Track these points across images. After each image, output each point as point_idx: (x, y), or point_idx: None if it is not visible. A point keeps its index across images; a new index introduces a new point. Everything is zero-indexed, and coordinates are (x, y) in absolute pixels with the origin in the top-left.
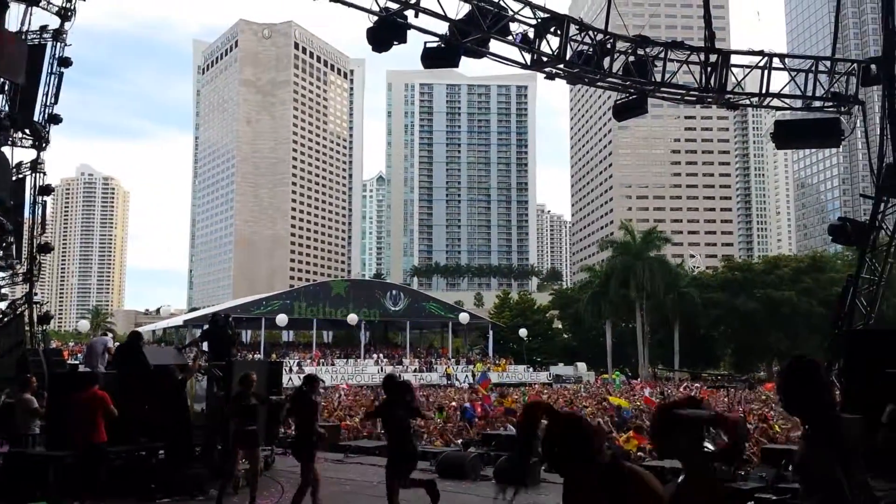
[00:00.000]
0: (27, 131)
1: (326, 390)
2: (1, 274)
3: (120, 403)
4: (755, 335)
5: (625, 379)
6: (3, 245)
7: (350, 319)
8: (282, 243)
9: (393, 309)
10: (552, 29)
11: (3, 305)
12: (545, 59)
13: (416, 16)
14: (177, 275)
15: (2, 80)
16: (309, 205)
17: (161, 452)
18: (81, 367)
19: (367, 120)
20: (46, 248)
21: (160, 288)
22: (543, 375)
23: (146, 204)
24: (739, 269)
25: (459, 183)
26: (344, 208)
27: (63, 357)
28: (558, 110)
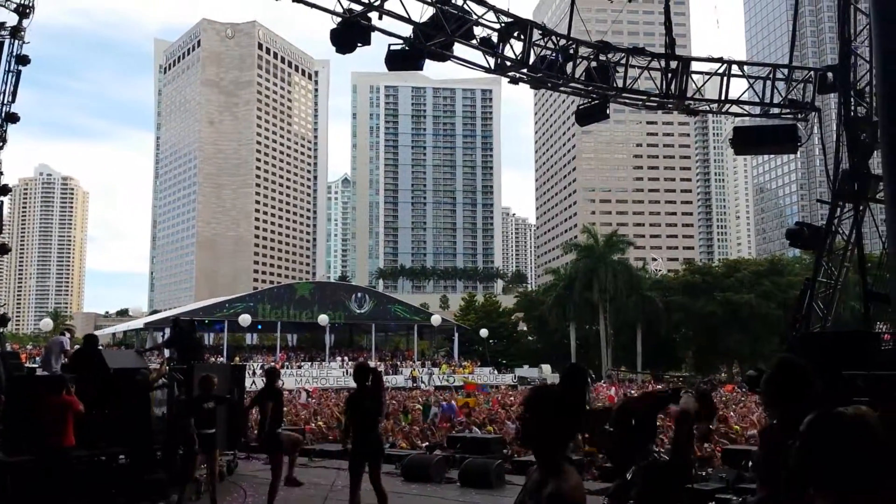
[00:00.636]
0: None
1: (291, 393)
2: None
3: None
4: (715, 337)
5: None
6: None
7: (321, 320)
8: (245, 245)
9: (358, 311)
10: (515, 33)
11: None
12: (509, 64)
13: (380, 18)
14: (137, 277)
15: None
16: (273, 206)
17: (122, 457)
18: (39, 371)
19: (332, 122)
20: (4, 250)
21: (120, 290)
22: (508, 378)
23: (106, 205)
24: (700, 273)
25: (425, 186)
26: (309, 210)
27: (21, 360)
28: (523, 114)
